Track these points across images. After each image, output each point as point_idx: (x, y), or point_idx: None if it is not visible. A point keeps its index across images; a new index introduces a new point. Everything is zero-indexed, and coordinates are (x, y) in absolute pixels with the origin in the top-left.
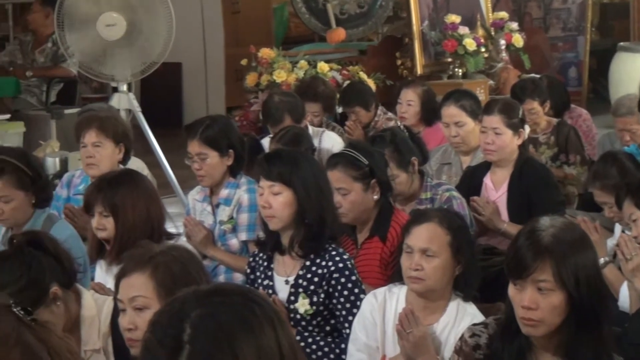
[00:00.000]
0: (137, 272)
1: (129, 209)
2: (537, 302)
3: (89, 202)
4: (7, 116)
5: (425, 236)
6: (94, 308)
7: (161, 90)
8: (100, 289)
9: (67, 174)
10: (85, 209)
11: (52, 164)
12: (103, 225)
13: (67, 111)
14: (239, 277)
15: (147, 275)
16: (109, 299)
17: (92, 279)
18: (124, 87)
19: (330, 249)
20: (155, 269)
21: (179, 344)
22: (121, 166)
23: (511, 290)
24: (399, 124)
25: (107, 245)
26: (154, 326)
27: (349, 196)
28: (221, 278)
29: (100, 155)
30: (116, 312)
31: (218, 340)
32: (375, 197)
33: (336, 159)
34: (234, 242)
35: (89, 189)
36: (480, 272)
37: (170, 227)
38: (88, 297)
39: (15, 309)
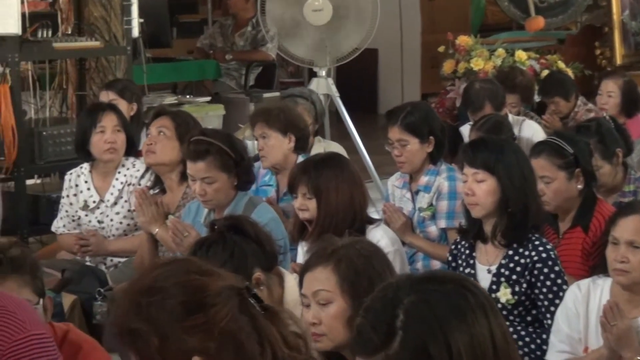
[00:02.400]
0: (320, 266)
1: (333, 192)
2: None
3: (293, 183)
4: (208, 99)
5: (632, 228)
6: (297, 292)
7: (357, 76)
8: None
9: (255, 165)
10: (290, 189)
11: (250, 147)
12: (305, 206)
13: (266, 95)
14: (437, 265)
15: (330, 269)
16: None
17: (294, 260)
18: (323, 72)
19: (533, 238)
20: (338, 262)
21: (392, 329)
22: (300, 157)
23: None
24: (604, 114)
25: (309, 226)
26: (367, 311)
27: (553, 184)
28: (419, 265)
29: (268, 147)
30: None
31: (431, 328)
32: (579, 186)
33: (541, 147)
34: (432, 230)
35: (293, 170)
36: None
37: (372, 212)
38: (291, 280)
39: (243, 293)
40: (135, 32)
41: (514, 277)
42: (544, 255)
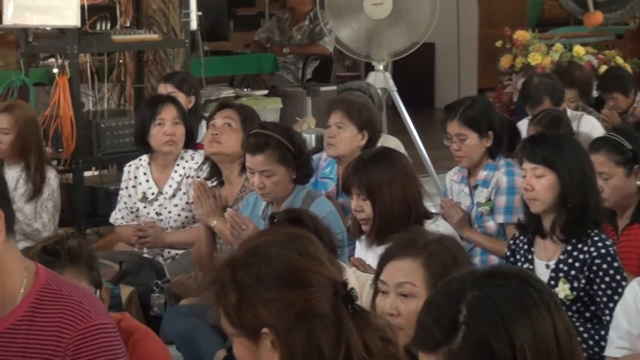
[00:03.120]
0: (410, 258)
1: (385, 190)
2: None
3: (347, 184)
4: (265, 92)
5: None
6: (356, 285)
7: (414, 69)
8: (360, 265)
9: (315, 157)
10: (344, 190)
11: (308, 140)
12: (361, 207)
13: (323, 88)
14: (494, 260)
15: (420, 263)
16: (370, 278)
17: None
18: (380, 66)
19: (592, 234)
20: (429, 257)
21: (455, 324)
22: None
23: None
24: None
25: (365, 225)
26: (430, 305)
27: (611, 181)
28: (476, 260)
29: (341, 137)
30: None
31: (494, 323)
32: (638, 182)
33: (599, 143)
34: (490, 225)
35: (346, 170)
36: None
37: (429, 207)
38: (350, 273)
39: (338, 287)
40: (194, 25)
41: (573, 272)
42: (603, 251)
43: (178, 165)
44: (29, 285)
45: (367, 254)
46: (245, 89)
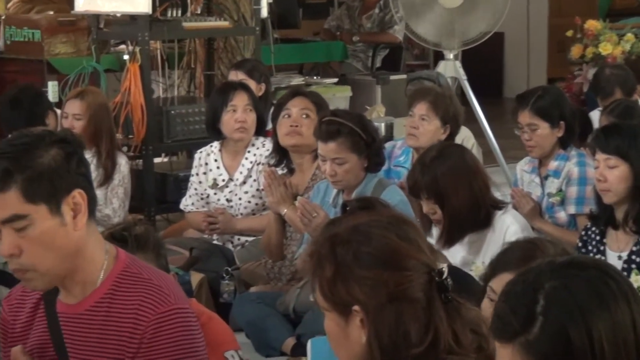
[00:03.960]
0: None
1: (452, 192)
2: None
3: (414, 188)
4: (335, 80)
5: None
6: None
7: (483, 59)
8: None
9: (389, 144)
10: (411, 193)
11: (377, 128)
12: (433, 209)
13: (393, 77)
14: None
15: None
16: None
17: None
18: (451, 56)
19: None
20: None
21: (532, 314)
22: None
23: None
24: None
25: (437, 226)
26: (508, 295)
27: None
28: None
29: (424, 129)
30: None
31: (572, 314)
32: None
33: None
34: (561, 215)
35: (411, 172)
36: None
37: (498, 197)
38: None
39: (433, 275)
40: (264, 13)
41: None
42: None
43: (249, 152)
44: (109, 267)
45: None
46: (314, 77)
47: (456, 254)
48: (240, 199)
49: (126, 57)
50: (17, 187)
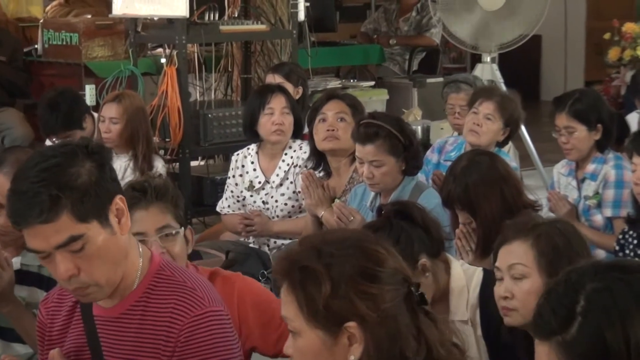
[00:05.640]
0: (519, 240)
1: (484, 204)
2: None
3: (447, 199)
4: (372, 83)
5: None
6: (463, 279)
7: (520, 62)
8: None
9: (440, 140)
10: (444, 204)
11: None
12: (469, 219)
13: (430, 80)
14: (601, 254)
15: (529, 244)
16: (479, 270)
17: None
18: (488, 58)
19: None
20: (537, 238)
21: (572, 314)
22: (497, 150)
23: None
24: None
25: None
26: (550, 294)
27: None
28: None
29: (488, 128)
30: (485, 284)
31: (611, 317)
32: None
33: None
34: (598, 218)
35: (444, 184)
36: None
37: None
38: (457, 267)
39: (412, 287)
40: (301, 16)
41: None
42: None
43: (286, 154)
44: (144, 270)
45: None
46: (351, 80)
47: None
48: (276, 201)
49: (163, 60)
50: (68, 211)
